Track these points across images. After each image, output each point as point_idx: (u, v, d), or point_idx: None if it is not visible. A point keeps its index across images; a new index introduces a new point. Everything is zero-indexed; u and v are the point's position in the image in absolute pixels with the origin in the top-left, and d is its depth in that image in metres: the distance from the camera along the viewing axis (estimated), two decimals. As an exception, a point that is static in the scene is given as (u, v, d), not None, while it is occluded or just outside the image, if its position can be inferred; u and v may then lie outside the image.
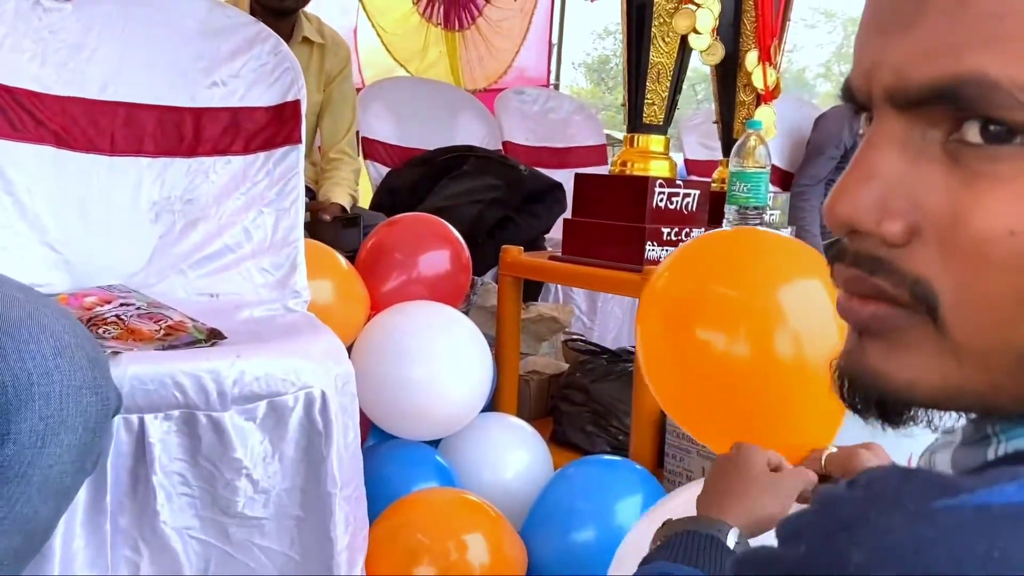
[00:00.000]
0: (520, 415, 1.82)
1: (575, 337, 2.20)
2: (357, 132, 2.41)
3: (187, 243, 1.35)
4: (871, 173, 0.35)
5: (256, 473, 1.08)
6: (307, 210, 1.77)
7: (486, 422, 1.61)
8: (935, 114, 0.33)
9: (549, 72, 4.75)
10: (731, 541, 0.62)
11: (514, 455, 1.55)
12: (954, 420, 0.40)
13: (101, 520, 1.00)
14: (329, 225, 1.98)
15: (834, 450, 0.70)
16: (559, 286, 2.70)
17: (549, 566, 1.35)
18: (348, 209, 2.18)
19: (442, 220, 1.86)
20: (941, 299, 0.33)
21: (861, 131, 0.39)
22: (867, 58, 0.36)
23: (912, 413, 0.38)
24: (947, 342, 0.34)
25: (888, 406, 0.38)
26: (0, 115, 1.21)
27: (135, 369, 0.97)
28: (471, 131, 2.96)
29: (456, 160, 2.56)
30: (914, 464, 0.43)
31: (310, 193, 2.24)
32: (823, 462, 0.69)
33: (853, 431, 0.66)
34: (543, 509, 1.40)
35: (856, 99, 0.37)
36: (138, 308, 1.19)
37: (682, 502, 0.80)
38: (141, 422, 1.00)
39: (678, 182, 1.72)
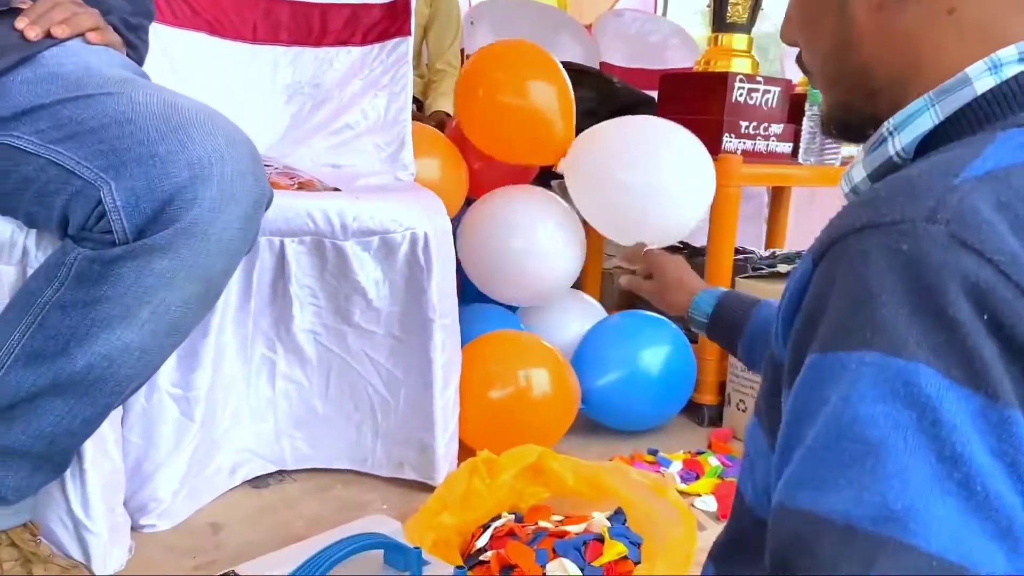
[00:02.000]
0: (604, 304, 1.97)
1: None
2: (462, 48, 2.58)
3: (314, 121, 1.57)
4: (788, 11, 0.62)
5: (370, 292, 1.30)
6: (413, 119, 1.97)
7: (565, 296, 1.80)
8: None
9: (655, 10, 4.75)
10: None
11: (584, 324, 1.73)
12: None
13: (245, 319, 1.25)
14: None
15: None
16: (649, 197, 2.82)
17: (593, 396, 1.58)
18: (451, 114, 2.36)
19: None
20: (806, 57, 0.60)
21: None
22: None
23: (857, 132, 0.59)
24: (817, 81, 0.60)
25: (833, 130, 0.62)
26: (164, 5, 1.44)
27: (278, 201, 1.17)
28: (569, 51, 3.08)
29: (553, 75, 2.70)
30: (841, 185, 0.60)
31: (416, 103, 2.44)
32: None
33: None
34: (585, 350, 1.63)
35: None
36: (275, 168, 1.42)
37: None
38: (281, 244, 1.23)
39: (758, 79, 1.81)
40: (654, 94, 2.88)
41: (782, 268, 1.77)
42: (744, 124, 1.78)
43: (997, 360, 0.40)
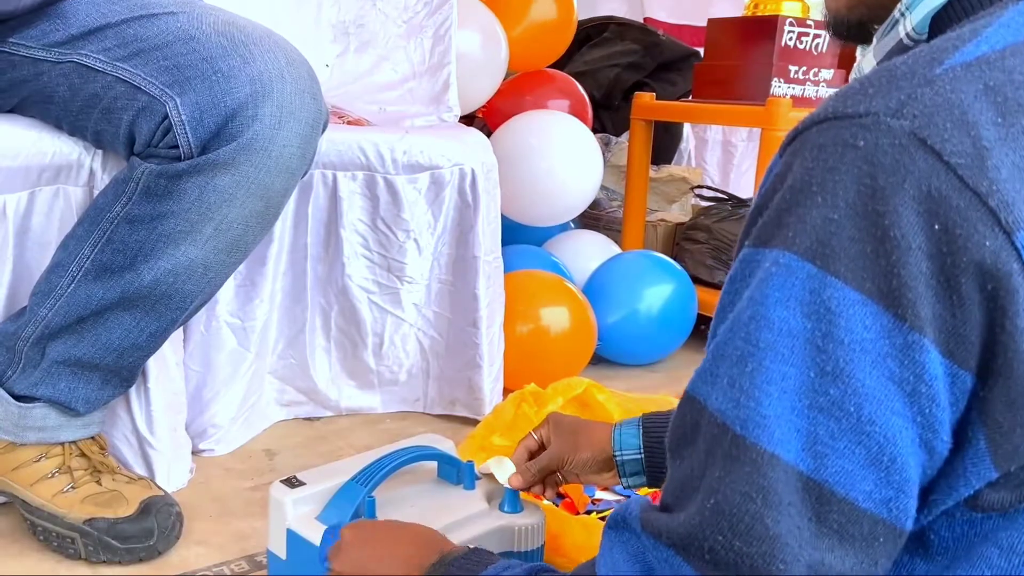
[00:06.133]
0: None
1: (704, 185, 2.31)
2: None
3: (359, 63, 1.58)
4: None
5: (422, 240, 1.31)
6: None
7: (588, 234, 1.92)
8: None
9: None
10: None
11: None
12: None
13: (301, 259, 1.27)
14: None
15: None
16: (692, 152, 2.80)
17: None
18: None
19: (568, 76, 2.05)
20: None
21: None
22: None
23: (865, 32, 0.54)
24: None
25: (843, 30, 0.56)
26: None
27: (330, 135, 1.20)
28: (613, 6, 3.05)
29: (597, 28, 2.68)
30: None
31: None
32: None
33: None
34: (593, 286, 1.70)
35: None
36: (324, 108, 1.44)
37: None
38: (335, 178, 1.25)
39: (808, 22, 1.78)
40: (699, 51, 2.85)
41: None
42: (793, 69, 1.75)
43: (923, 282, 0.37)
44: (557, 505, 1.05)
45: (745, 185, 2.89)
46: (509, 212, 1.73)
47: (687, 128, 2.83)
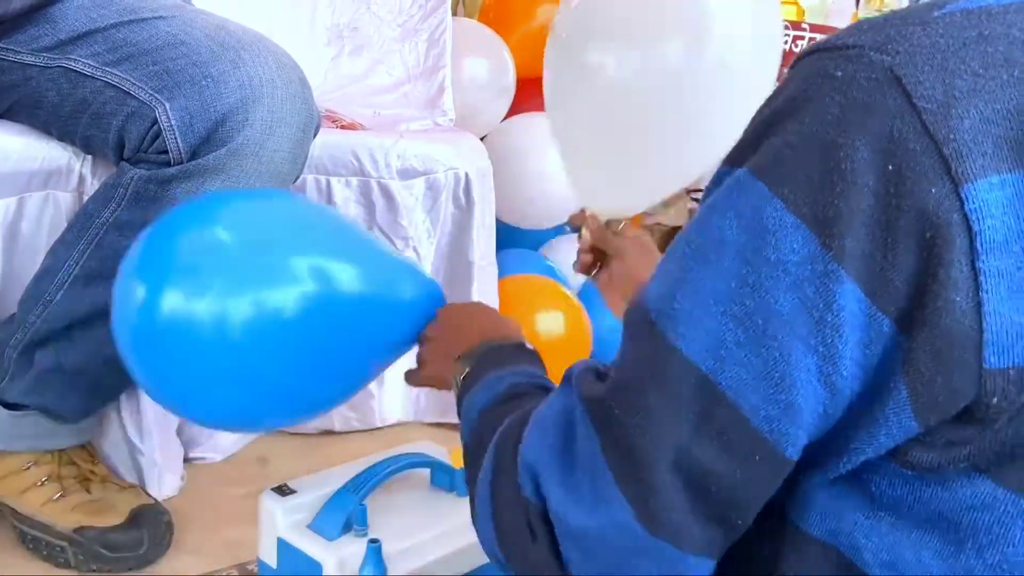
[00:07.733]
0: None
1: (700, 189, 2.31)
2: None
3: (354, 66, 1.58)
4: None
5: (422, 248, 1.30)
6: None
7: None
8: None
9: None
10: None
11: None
12: None
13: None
14: None
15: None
16: (688, 155, 2.80)
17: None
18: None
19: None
20: None
21: None
22: None
23: None
24: None
25: None
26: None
27: (322, 139, 1.19)
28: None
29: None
30: None
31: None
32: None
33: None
34: (589, 290, 1.63)
35: None
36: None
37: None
38: (328, 184, 1.24)
39: (804, 25, 1.78)
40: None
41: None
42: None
43: (859, 218, 0.38)
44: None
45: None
46: (500, 214, 1.73)
47: (683, 131, 2.82)
